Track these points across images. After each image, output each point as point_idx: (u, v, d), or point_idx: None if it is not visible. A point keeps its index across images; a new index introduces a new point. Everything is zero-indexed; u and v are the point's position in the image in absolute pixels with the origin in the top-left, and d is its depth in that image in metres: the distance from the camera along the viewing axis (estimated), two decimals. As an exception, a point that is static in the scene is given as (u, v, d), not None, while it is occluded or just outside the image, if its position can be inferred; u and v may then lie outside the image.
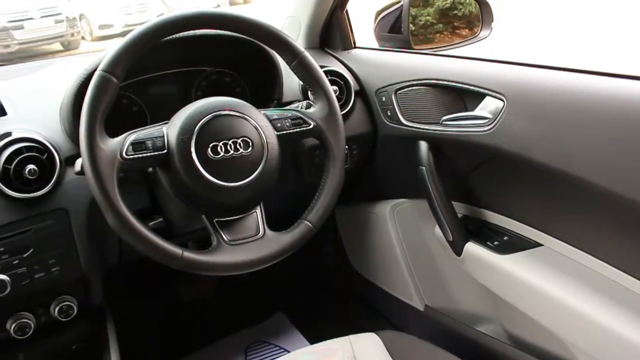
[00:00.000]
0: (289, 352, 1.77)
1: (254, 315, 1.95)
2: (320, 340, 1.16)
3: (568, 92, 1.00)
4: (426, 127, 1.29)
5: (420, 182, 1.32)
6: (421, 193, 1.34)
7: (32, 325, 1.17)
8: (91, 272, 1.18)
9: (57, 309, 1.19)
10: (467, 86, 1.19)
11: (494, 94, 1.12)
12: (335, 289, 2.00)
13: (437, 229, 1.36)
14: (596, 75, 0.98)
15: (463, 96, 1.23)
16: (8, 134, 1.08)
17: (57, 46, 8.36)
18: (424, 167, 1.31)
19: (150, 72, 1.28)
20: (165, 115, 1.10)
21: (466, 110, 1.22)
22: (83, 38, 8.63)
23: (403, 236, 1.58)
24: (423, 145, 1.31)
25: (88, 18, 8.71)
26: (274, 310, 1.97)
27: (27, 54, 7.76)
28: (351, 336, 1.14)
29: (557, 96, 1.02)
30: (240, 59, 1.31)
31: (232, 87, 1.36)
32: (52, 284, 1.13)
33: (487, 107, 1.16)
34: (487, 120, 1.14)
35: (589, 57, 4.48)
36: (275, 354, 1.78)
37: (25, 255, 1.09)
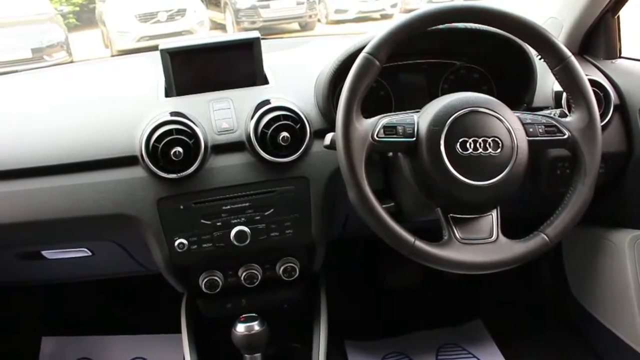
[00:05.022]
0: (482, 362, 1.72)
1: (452, 316, 1.91)
2: (518, 359, 1.08)
3: None
4: None
5: None
6: (676, 229, 1.19)
7: (259, 277, 1.28)
8: (318, 240, 1.26)
9: (281, 268, 1.29)
10: None
11: None
12: (546, 311, 1.88)
13: (689, 273, 1.19)
14: None
15: None
16: (267, 102, 1.19)
17: (294, 26, 8.96)
18: None
19: (403, 60, 1.31)
20: (409, 103, 1.11)
21: None
22: (319, 21, 9.13)
23: None
24: None
25: (326, 2, 9.19)
26: (473, 316, 1.91)
27: (268, 31, 8.47)
28: None
29: None
30: (493, 56, 1.28)
31: (479, 83, 1.33)
32: (283, 244, 1.23)
33: None
34: None
35: None
36: (467, 361, 1.73)
37: (266, 213, 1.20)
